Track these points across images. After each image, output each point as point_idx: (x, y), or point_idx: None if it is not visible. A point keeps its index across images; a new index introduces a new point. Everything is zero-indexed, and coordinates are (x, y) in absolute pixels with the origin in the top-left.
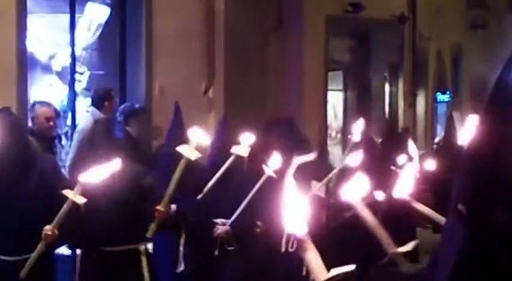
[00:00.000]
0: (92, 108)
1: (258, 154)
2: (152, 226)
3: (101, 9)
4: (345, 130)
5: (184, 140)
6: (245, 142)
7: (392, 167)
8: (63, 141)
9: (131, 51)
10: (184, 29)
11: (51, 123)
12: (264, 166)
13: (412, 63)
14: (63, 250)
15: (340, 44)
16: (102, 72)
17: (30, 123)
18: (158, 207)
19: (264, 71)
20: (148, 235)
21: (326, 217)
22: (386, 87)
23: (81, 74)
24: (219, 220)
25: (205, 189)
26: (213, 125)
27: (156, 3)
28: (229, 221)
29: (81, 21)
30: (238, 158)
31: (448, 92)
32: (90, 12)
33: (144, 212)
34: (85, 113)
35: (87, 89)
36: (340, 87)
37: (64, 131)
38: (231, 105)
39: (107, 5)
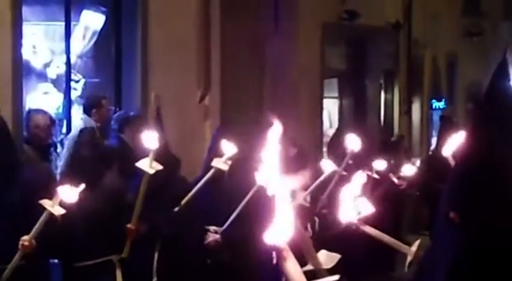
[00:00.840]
0: (84, 115)
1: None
2: (126, 246)
3: (96, 17)
4: (340, 138)
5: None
6: (226, 155)
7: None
8: (59, 149)
9: (126, 59)
10: (179, 37)
11: (47, 131)
12: (256, 174)
13: (408, 70)
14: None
15: (335, 52)
16: (97, 80)
17: (25, 132)
18: (128, 225)
19: (259, 79)
20: (124, 254)
21: (318, 227)
22: (382, 94)
23: (77, 82)
24: (211, 228)
25: (183, 201)
26: (209, 134)
27: (152, 11)
28: (221, 229)
29: (77, 29)
30: (218, 171)
31: (443, 99)
32: (85, 20)
33: (121, 229)
34: (80, 122)
35: (82, 97)
36: (336, 94)
37: (59, 139)
38: (227, 113)
39: (102, 13)
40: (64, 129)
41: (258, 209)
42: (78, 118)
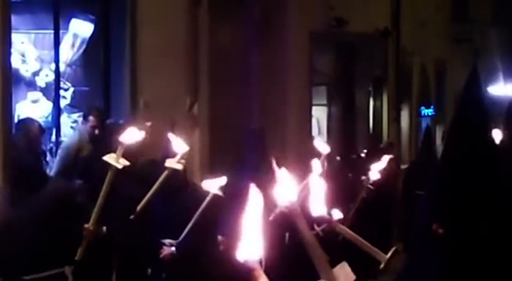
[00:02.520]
0: (77, 125)
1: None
2: (81, 247)
3: (85, 26)
4: (329, 145)
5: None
6: (180, 154)
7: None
8: (48, 157)
9: (115, 67)
10: (168, 45)
11: (37, 140)
12: (207, 184)
13: (396, 77)
14: None
15: (324, 59)
16: (86, 88)
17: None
18: (86, 225)
19: (248, 87)
20: (77, 257)
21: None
22: (371, 101)
23: (66, 90)
24: (166, 241)
25: (139, 207)
26: (197, 141)
27: (140, 19)
28: (177, 241)
29: (66, 38)
30: (173, 171)
31: (432, 106)
32: (74, 28)
33: (71, 233)
34: (69, 130)
35: (71, 105)
36: (325, 101)
37: (48, 147)
38: (216, 121)
39: (91, 21)
40: (53, 138)
41: (214, 220)
42: (68, 127)
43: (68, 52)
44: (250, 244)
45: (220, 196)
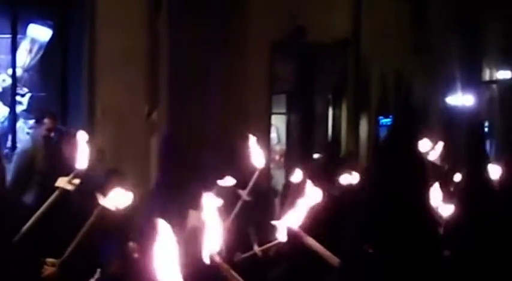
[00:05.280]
0: (32, 130)
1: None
2: None
3: (42, 31)
4: (288, 154)
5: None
6: (72, 174)
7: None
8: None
9: (73, 73)
10: (127, 51)
11: None
12: (97, 195)
13: (356, 87)
14: None
15: (284, 68)
16: (43, 93)
17: None
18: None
19: (207, 94)
20: None
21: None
22: (330, 110)
23: (22, 95)
24: (48, 260)
25: (24, 228)
26: (155, 149)
27: (99, 25)
28: (60, 260)
29: (23, 43)
30: (64, 192)
31: (390, 116)
32: (32, 33)
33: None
34: (26, 135)
35: (27, 110)
36: (284, 110)
37: (4, 153)
38: (174, 128)
39: (49, 26)
40: (9, 143)
41: (104, 235)
42: (23, 132)
43: (25, 57)
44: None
45: (108, 209)
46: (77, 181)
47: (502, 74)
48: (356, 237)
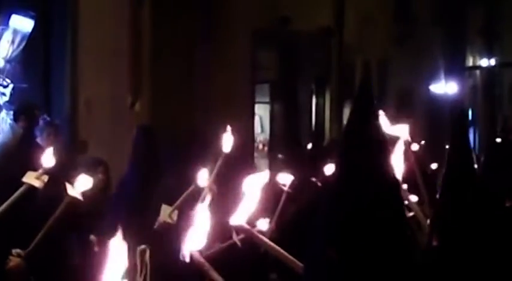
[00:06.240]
0: (12, 122)
1: None
2: None
3: (25, 22)
4: (271, 143)
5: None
6: (41, 169)
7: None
8: None
9: (56, 64)
10: (110, 42)
11: None
12: (67, 185)
13: (339, 76)
14: None
15: (267, 57)
16: (26, 85)
17: None
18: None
19: (190, 85)
20: None
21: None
22: (313, 100)
23: (5, 87)
24: (14, 250)
25: None
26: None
27: (82, 16)
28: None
29: (5, 34)
30: (31, 188)
31: None
32: (14, 24)
33: None
34: (7, 126)
35: (10, 102)
36: (267, 99)
37: None
38: (157, 119)
39: (32, 17)
40: None
41: (69, 226)
42: (6, 123)
43: (8, 48)
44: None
45: (79, 200)
46: (45, 178)
47: (485, 62)
48: (321, 241)
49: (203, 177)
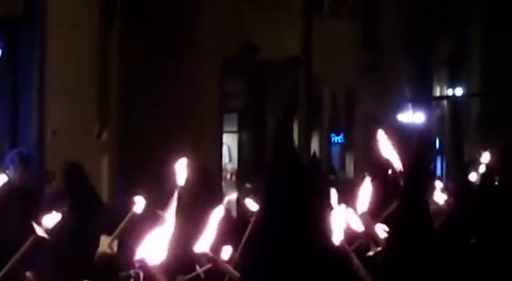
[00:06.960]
0: None
1: None
2: None
3: None
4: (239, 172)
5: None
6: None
7: None
8: None
9: (23, 94)
10: (78, 71)
11: None
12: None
13: (307, 105)
14: None
15: (235, 86)
16: None
17: None
18: None
19: (158, 113)
20: None
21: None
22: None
23: None
24: None
25: None
26: (106, 168)
27: (49, 45)
28: None
29: None
30: None
31: (342, 133)
32: None
33: None
34: None
35: None
36: (235, 129)
37: None
38: (124, 148)
39: None
40: None
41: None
42: None
43: None
44: None
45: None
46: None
47: (452, 92)
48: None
49: (140, 204)
